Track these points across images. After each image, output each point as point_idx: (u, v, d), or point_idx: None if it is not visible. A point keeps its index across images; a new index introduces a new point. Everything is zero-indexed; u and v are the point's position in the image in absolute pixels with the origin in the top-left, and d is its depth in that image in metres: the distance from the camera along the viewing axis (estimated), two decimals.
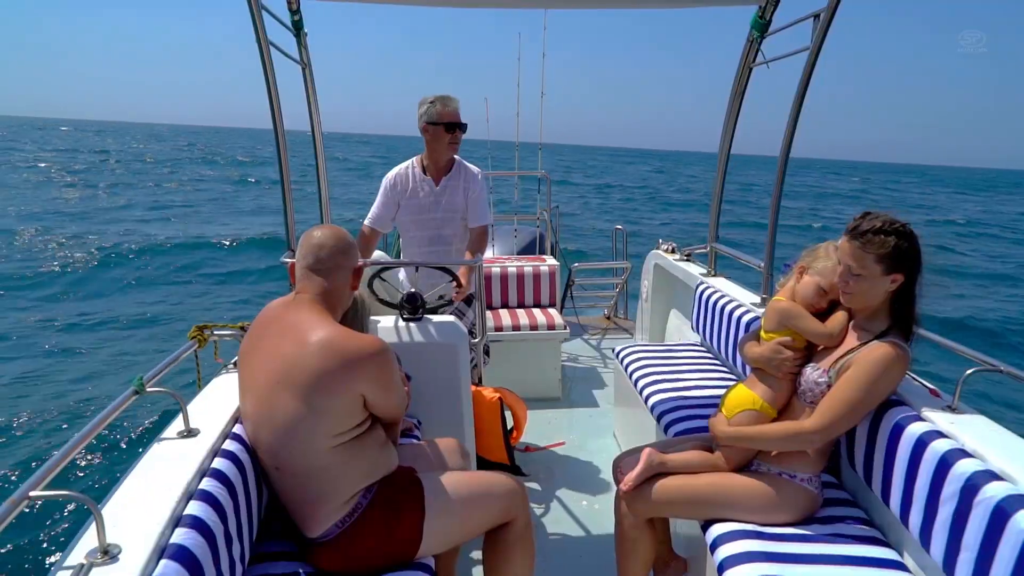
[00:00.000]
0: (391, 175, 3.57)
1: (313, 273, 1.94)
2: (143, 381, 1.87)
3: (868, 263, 1.96)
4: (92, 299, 11.47)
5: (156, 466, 1.69)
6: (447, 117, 3.36)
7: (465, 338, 2.88)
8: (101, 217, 20.93)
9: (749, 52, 3.47)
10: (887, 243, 1.94)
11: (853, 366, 1.98)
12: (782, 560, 1.92)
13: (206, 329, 2.42)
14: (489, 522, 2.06)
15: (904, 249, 1.95)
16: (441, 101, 3.36)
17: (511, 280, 5.05)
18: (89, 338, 9.09)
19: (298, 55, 3.26)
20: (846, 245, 2.00)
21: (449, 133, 3.38)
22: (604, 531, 2.99)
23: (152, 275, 13.49)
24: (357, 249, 2.06)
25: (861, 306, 2.06)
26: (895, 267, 1.96)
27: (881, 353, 1.95)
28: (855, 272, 1.98)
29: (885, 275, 1.97)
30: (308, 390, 1.76)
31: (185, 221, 20.85)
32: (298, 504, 1.85)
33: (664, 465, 2.23)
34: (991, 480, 1.62)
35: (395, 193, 3.53)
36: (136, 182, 33.05)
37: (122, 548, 1.34)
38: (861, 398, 1.96)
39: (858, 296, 2.02)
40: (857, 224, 1.99)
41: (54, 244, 15.68)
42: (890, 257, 1.94)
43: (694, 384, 3.25)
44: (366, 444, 1.89)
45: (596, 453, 3.92)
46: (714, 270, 4.07)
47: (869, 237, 1.95)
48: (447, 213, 3.51)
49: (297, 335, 1.81)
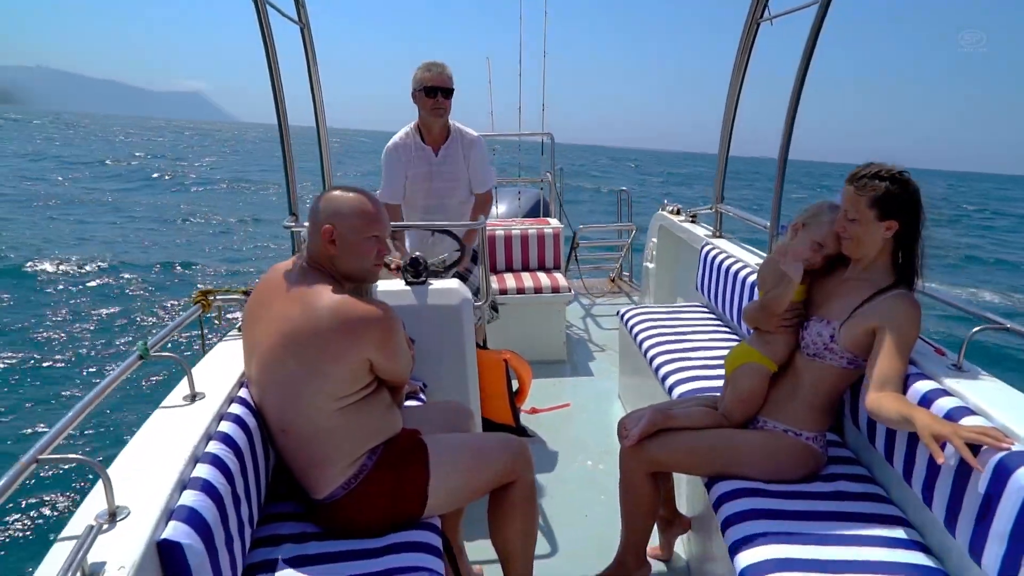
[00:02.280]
0: (391, 145, 3.53)
1: (309, 235, 1.94)
2: (147, 346, 1.87)
3: (862, 207, 1.99)
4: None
5: (162, 430, 1.70)
6: (427, 82, 3.31)
7: (469, 301, 2.87)
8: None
9: (756, 7, 3.39)
10: (879, 187, 1.97)
11: (885, 328, 1.95)
12: (785, 517, 1.94)
13: (210, 294, 2.42)
14: (493, 482, 2.07)
15: (895, 194, 1.97)
16: (425, 67, 3.32)
17: (515, 243, 5.03)
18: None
19: (296, 15, 3.20)
20: (845, 189, 2.04)
21: (430, 98, 3.32)
22: (608, 492, 3.02)
23: None
24: (334, 209, 1.88)
25: (858, 254, 2.07)
26: (888, 213, 1.98)
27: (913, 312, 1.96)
28: (850, 216, 2.02)
29: (879, 221, 1.99)
30: (313, 355, 1.77)
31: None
32: (304, 466, 1.87)
33: (669, 420, 2.24)
34: None
35: (400, 163, 3.50)
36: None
37: (130, 510, 1.35)
38: (907, 356, 1.97)
39: (854, 242, 2.04)
40: (856, 172, 2.03)
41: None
42: (882, 201, 1.97)
43: (699, 345, 3.25)
44: (372, 406, 1.91)
45: (601, 415, 3.94)
46: (719, 231, 4.04)
47: (864, 182, 1.99)
48: (448, 182, 3.48)
49: (302, 300, 1.81)
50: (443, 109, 3.36)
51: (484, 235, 3.13)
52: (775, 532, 1.88)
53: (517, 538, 2.13)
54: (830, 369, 2.09)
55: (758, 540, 1.85)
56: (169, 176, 31.31)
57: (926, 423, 1.66)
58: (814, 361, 2.12)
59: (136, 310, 9.19)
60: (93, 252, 12.36)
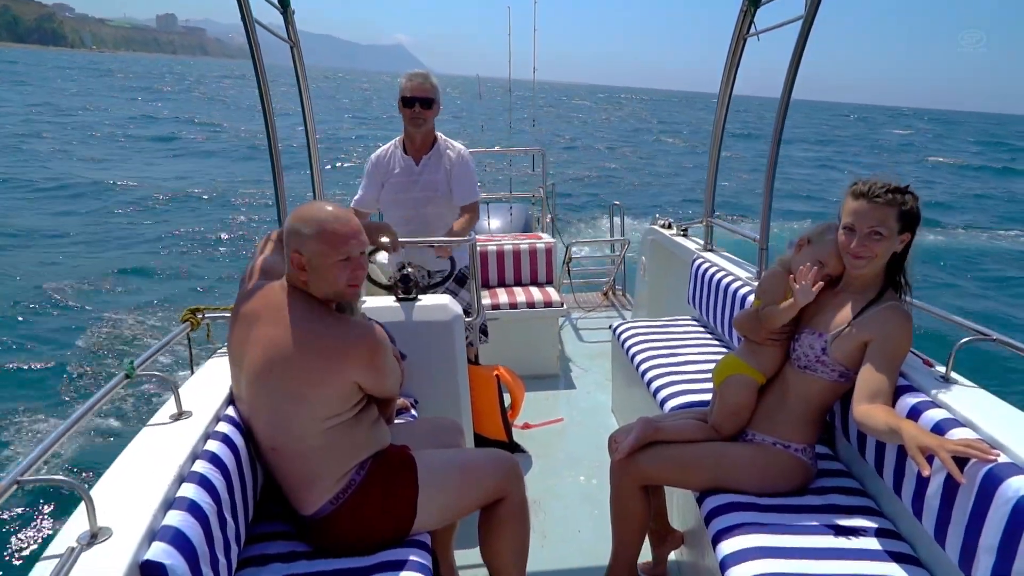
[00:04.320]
0: (374, 156, 3.56)
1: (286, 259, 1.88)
2: (134, 365, 1.86)
3: (891, 221, 1.96)
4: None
5: (147, 449, 1.69)
6: (405, 91, 3.34)
7: (460, 317, 2.87)
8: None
9: (743, 23, 3.42)
10: (907, 201, 1.96)
11: (876, 340, 1.95)
12: (777, 531, 1.93)
13: (198, 312, 2.41)
14: (483, 498, 2.06)
15: (917, 209, 1.98)
16: (407, 77, 3.36)
17: (507, 258, 5.03)
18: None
19: (286, 34, 3.22)
20: (865, 206, 1.97)
21: (408, 108, 3.35)
22: (602, 507, 3.00)
23: None
24: (297, 233, 1.80)
25: (872, 272, 2.04)
26: (907, 226, 1.98)
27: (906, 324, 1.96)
28: (879, 231, 1.96)
29: (899, 234, 1.98)
30: (300, 380, 1.77)
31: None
32: (293, 483, 1.86)
33: (659, 433, 2.23)
34: None
35: (378, 173, 3.52)
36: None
37: (112, 531, 1.34)
38: (898, 369, 1.98)
39: (877, 260, 1.99)
40: (870, 187, 1.98)
41: None
42: (907, 215, 1.97)
43: (690, 359, 3.25)
44: (361, 422, 1.90)
45: (594, 430, 3.93)
46: (710, 245, 4.06)
47: (891, 196, 1.96)
48: (426, 192, 3.48)
49: (287, 323, 1.79)
50: (421, 119, 3.38)
51: (475, 250, 3.13)
52: (766, 547, 1.87)
53: (508, 553, 2.11)
54: (820, 382, 2.09)
55: (749, 555, 1.84)
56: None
57: (913, 435, 1.66)
58: (804, 373, 2.12)
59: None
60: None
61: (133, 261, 11.19)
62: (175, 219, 14.30)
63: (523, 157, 7.18)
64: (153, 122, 34.37)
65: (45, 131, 27.32)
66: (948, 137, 60.34)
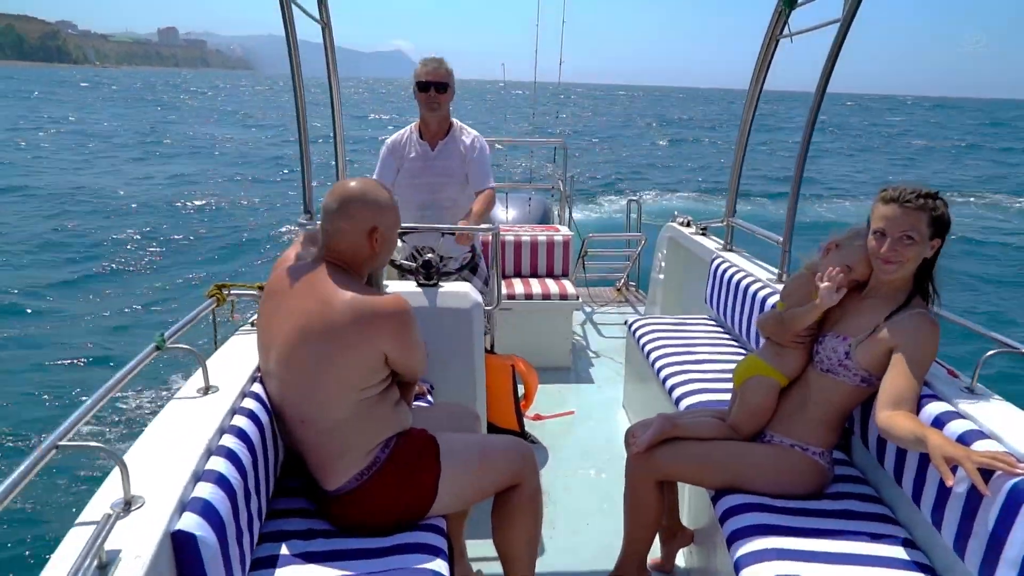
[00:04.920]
0: (390, 140, 3.58)
1: (327, 235, 1.91)
2: (164, 337, 1.88)
3: (923, 227, 1.95)
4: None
5: (176, 422, 1.71)
6: (420, 76, 3.36)
7: (479, 305, 2.88)
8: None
9: (776, 23, 3.39)
10: (938, 207, 1.96)
11: (903, 347, 1.94)
12: (792, 534, 1.94)
13: (224, 288, 2.43)
14: (500, 483, 2.08)
15: (947, 215, 1.98)
16: (423, 62, 3.40)
17: (524, 248, 5.03)
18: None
19: (319, 14, 3.22)
20: (894, 211, 1.96)
21: (424, 92, 3.37)
22: (611, 501, 3.02)
23: None
24: (377, 207, 1.90)
25: (902, 278, 2.03)
26: (938, 232, 1.98)
27: (933, 332, 1.96)
28: (910, 235, 1.95)
29: (929, 240, 1.97)
30: (331, 348, 1.79)
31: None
32: (321, 457, 1.88)
33: (677, 429, 2.24)
34: None
35: (394, 158, 3.53)
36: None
37: (145, 500, 1.36)
38: (923, 377, 1.98)
39: (908, 264, 1.99)
40: (900, 193, 1.97)
41: None
42: (938, 221, 1.96)
43: (707, 358, 3.25)
44: (386, 400, 1.93)
45: (605, 423, 3.94)
46: (731, 245, 4.04)
47: (922, 202, 1.95)
48: (441, 177, 3.49)
49: (319, 294, 1.83)
50: (436, 103, 3.39)
51: (498, 241, 3.14)
52: (781, 548, 1.87)
53: (520, 541, 2.13)
54: (842, 386, 2.09)
55: (764, 556, 1.85)
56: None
57: (938, 444, 1.65)
58: (826, 377, 2.12)
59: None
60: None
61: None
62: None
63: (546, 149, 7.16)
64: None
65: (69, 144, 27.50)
66: (947, 126, 60.22)
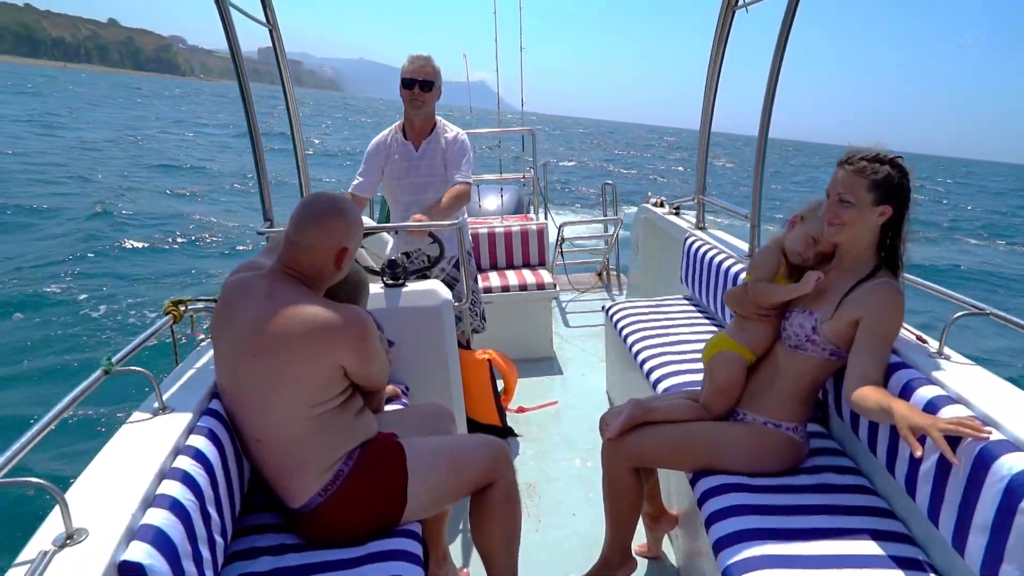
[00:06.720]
0: (374, 141, 3.53)
1: (291, 245, 1.85)
2: (112, 361, 1.82)
3: (860, 191, 1.92)
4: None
5: (127, 447, 1.65)
6: (405, 73, 3.33)
7: (448, 302, 2.84)
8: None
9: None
10: (880, 171, 1.91)
11: (868, 318, 1.92)
12: (770, 512, 1.92)
13: (181, 304, 2.37)
14: (472, 483, 2.04)
15: (895, 180, 1.92)
16: (409, 59, 3.34)
17: (499, 240, 4.99)
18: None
19: (264, 17, 3.15)
20: (839, 173, 1.97)
21: (408, 90, 3.33)
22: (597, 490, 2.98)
23: None
24: (354, 226, 1.89)
25: (849, 240, 2.00)
26: (885, 198, 1.92)
27: (896, 301, 1.93)
28: (846, 199, 1.93)
29: (875, 206, 1.93)
30: (285, 362, 1.73)
31: None
32: (280, 475, 1.83)
33: (649, 413, 2.21)
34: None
35: (378, 159, 3.48)
36: None
37: (89, 532, 1.31)
38: (889, 348, 1.96)
39: (847, 228, 1.96)
40: (851, 154, 1.96)
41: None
42: (881, 186, 1.91)
43: (683, 338, 3.23)
44: (345, 411, 1.88)
45: (589, 412, 3.91)
46: (702, 223, 4.02)
47: (863, 164, 1.92)
48: (427, 177, 3.44)
49: (274, 306, 1.77)
50: (420, 101, 3.35)
51: (466, 232, 3.09)
52: (759, 528, 1.85)
53: (499, 538, 2.10)
54: (811, 360, 2.06)
55: (742, 537, 1.83)
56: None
57: (904, 415, 1.63)
58: (795, 352, 2.09)
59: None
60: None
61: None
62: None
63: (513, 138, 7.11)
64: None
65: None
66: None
